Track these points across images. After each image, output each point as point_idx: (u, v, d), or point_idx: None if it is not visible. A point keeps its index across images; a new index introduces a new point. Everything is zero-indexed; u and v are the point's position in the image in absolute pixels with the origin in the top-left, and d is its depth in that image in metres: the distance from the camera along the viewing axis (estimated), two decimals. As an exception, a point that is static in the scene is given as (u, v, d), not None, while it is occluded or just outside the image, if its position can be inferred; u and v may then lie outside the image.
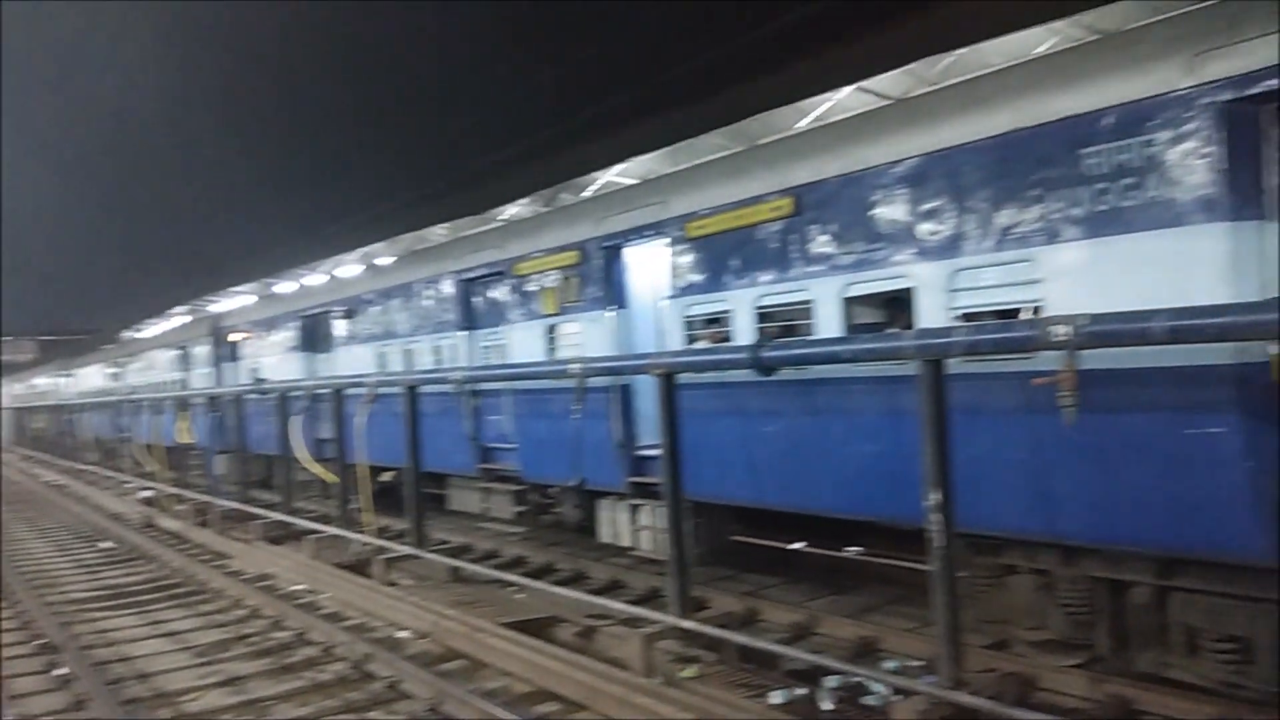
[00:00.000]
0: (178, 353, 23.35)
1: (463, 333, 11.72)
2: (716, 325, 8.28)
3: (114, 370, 30.94)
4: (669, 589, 7.21)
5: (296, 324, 16.55)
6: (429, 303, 12.48)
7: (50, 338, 36.75)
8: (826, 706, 6.18)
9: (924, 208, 6.47)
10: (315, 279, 29.18)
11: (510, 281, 10.83)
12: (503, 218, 22.27)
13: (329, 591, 10.05)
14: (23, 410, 44.81)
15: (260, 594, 10.16)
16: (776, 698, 6.28)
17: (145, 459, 20.25)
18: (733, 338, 7.96)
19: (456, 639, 7.81)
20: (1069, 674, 6.08)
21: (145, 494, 18.36)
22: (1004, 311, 6.05)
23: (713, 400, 7.83)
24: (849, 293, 7.05)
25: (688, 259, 8.43)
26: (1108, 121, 5.46)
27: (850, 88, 18.88)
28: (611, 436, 9.15)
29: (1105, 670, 5.95)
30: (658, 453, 7.37)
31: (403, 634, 8.32)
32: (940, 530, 5.28)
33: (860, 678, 6.12)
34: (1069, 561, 5.98)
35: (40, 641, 8.75)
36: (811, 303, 7.29)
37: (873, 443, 6.80)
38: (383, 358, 13.61)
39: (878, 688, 6.05)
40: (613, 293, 9.48)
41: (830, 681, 6.29)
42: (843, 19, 7.01)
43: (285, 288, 29.49)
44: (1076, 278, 5.59)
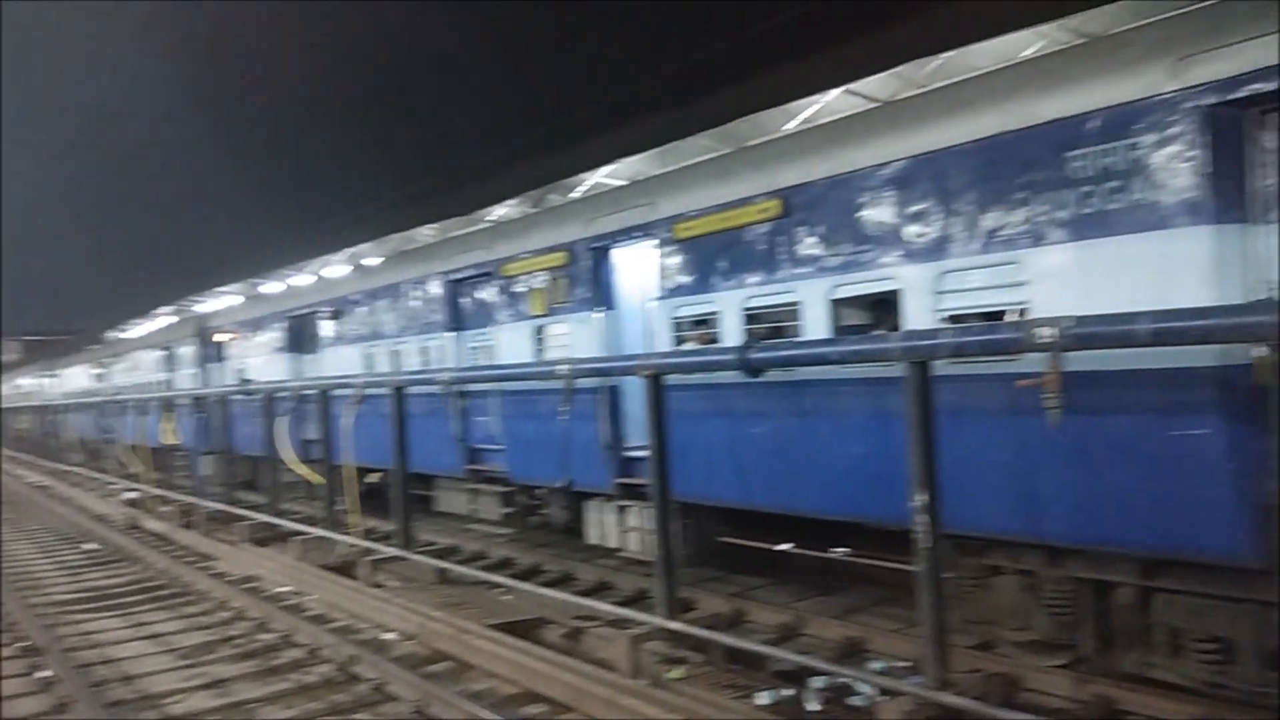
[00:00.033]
0: (163, 353, 23.23)
1: (450, 334, 11.70)
2: (704, 327, 8.29)
3: (99, 371, 30.77)
4: (656, 590, 7.22)
5: (283, 325, 16.49)
6: (416, 304, 12.45)
7: (35, 338, 36.49)
8: (813, 707, 6.20)
9: (911, 210, 6.51)
10: (302, 279, 29.05)
11: (498, 282, 10.82)
12: (491, 218, 22.21)
13: (315, 593, 10.01)
14: (6, 411, 44.48)
15: (245, 596, 10.11)
16: (763, 698, 6.30)
17: (130, 460, 20.12)
18: (720, 339, 7.97)
19: (443, 640, 7.80)
20: (1054, 674, 6.12)
21: (130, 495, 18.23)
22: (990, 314, 6.09)
23: (700, 402, 7.85)
24: (836, 294, 7.08)
25: (675, 260, 8.43)
26: (1093, 125, 5.50)
27: (838, 90, 18.91)
28: (599, 438, 9.15)
29: (1089, 670, 5.99)
30: (645, 454, 7.38)
31: (389, 636, 8.30)
32: (926, 531, 5.31)
33: (846, 678, 6.14)
34: (1053, 562, 6.02)
35: (23, 644, 8.68)
36: (799, 304, 7.31)
37: (859, 444, 6.83)
38: (370, 359, 13.57)
39: (864, 688, 6.08)
40: (601, 294, 9.49)
41: (817, 682, 6.31)
42: (831, 21, 7.01)
43: (271, 288, 29.35)
44: (1062, 280, 5.63)
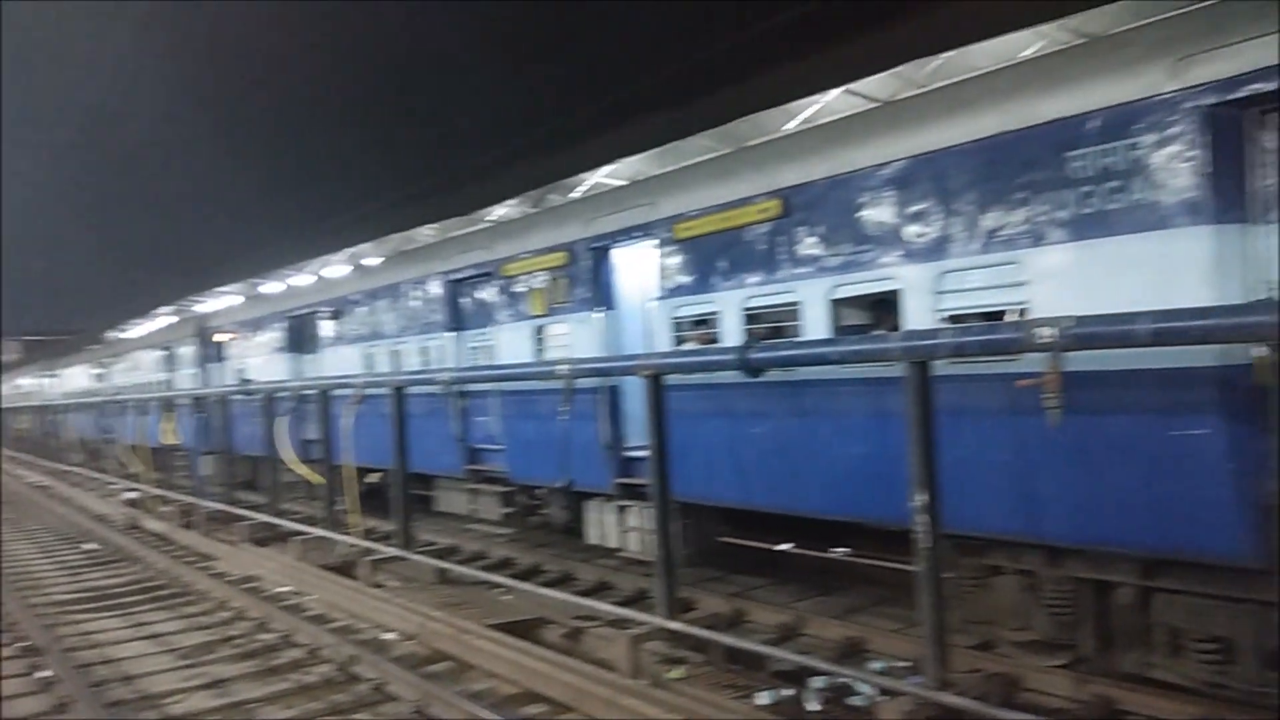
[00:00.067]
0: (163, 353, 23.22)
1: (450, 334, 11.70)
2: (704, 327, 8.29)
3: (99, 371, 30.77)
4: (656, 590, 7.22)
5: (283, 325, 16.48)
6: (416, 304, 12.45)
7: (35, 338, 36.50)
8: (813, 707, 6.20)
9: (911, 210, 6.50)
10: (302, 279, 29.05)
11: (498, 282, 10.81)
12: (491, 218, 22.21)
13: (315, 593, 10.01)
14: (6, 411, 44.48)
15: (245, 596, 10.11)
16: (763, 698, 6.30)
17: (130, 460, 20.12)
18: (720, 339, 7.97)
19: (443, 640, 7.80)
20: (1054, 674, 6.12)
21: (130, 495, 18.23)
22: (990, 314, 6.09)
23: (700, 401, 7.84)
24: (836, 294, 7.08)
25: (675, 260, 8.43)
26: (1093, 125, 5.50)
27: (838, 90, 18.91)
28: (599, 438, 9.14)
29: (1089, 670, 5.99)
30: (645, 454, 7.38)
31: (389, 636, 8.30)
32: (926, 531, 5.30)
33: (846, 678, 6.14)
34: (1053, 562, 6.02)
35: (23, 644, 8.68)
36: (799, 304, 7.31)
37: (859, 444, 6.83)
38: (370, 359, 13.57)
39: (864, 688, 6.07)
40: (600, 294, 9.48)
41: (817, 682, 6.31)
42: (831, 21, 7.02)
43: (272, 288, 29.35)
44: (1062, 280, 5.63)
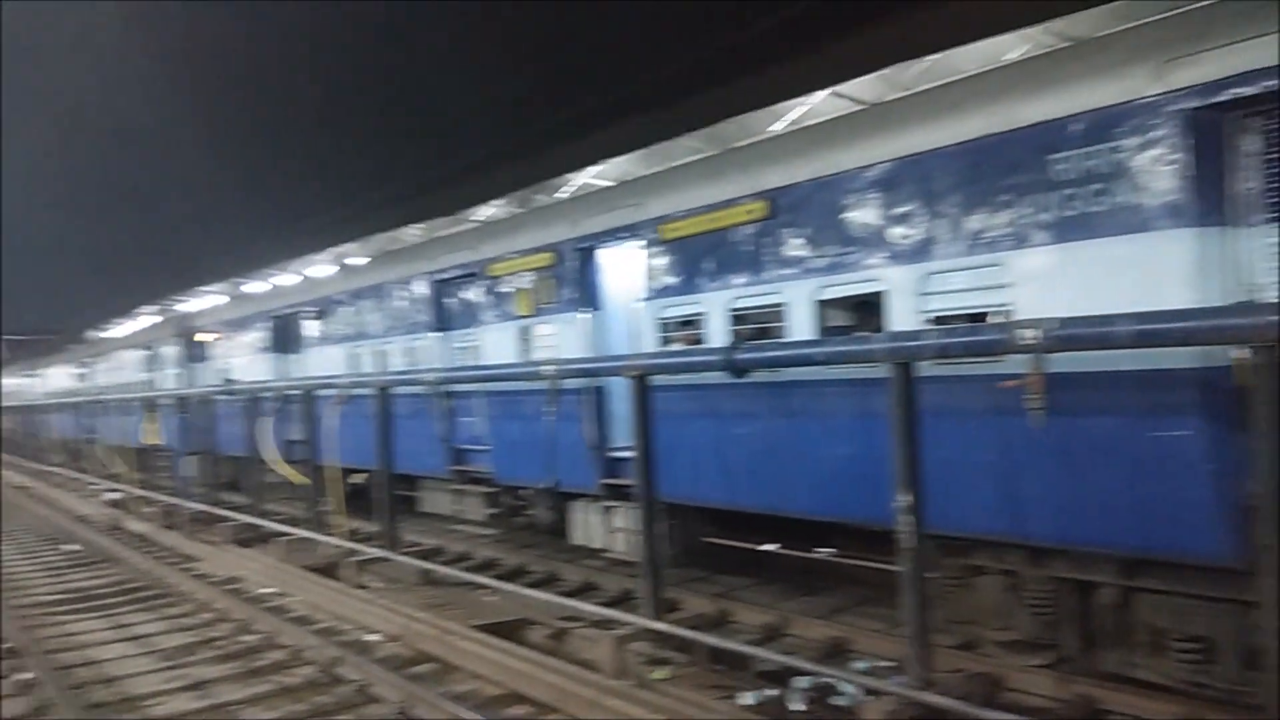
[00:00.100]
0: (146, 353, 23.07)
1: (436, 334, 11.67)
2: (690, 327, 8.29)
3: (81, 371, 30.54)
4: (641, 591, 7.21)
5: (267, 324, 16.41)
6: (401, 304, 12.41)
7: (17, 338, 36.20)
8: (797, 707, 6.21)
9: (896, 212, 6.53)
10: (286, 279, 28.89)
11: (484, 283, 10.79)
12: (477, 219, 22.16)
13: (298, 594, 9.95)
14: None
15: (228, 597, 10.04)
16: (747, 699, 6.30)
17: (112, 461, 19.97)
18: (706, 340, 7.98)
19: (427, 642, 7.77)
20: (1036, 674, 6.14)
21: (112, 496, 18.11)
22: (974, 315, 6.11)
23: (686, 402, 7.85)
24: (822, 296, 7.10)
25: (662, 261, 8.43)
26: (1076, 128, 5.53)
27: (825, 92, 18.95)
28: (585, 438, 9.14)
29: (1072, 670, 6.02)
30: (631, 455, 7.38)
31: (373, 637, 8.26)
32: (910, 531, 5.32)
33: (830, 678, 6.15)
34: (1036, 563, 6.05)
35: (3, 646, 8.60)
36: (785, 305, 7.33)
37: (844, 445, 6.85)
38: (355, 359, 13.52)
39: (848, 688, 6.08)
40: (587, 295, 9.48)
41: (801, 682, 6.32)
42: (818, 24, 7.05)
43: (256, 288, 29.19)
44: (1045, 282, 5.66)
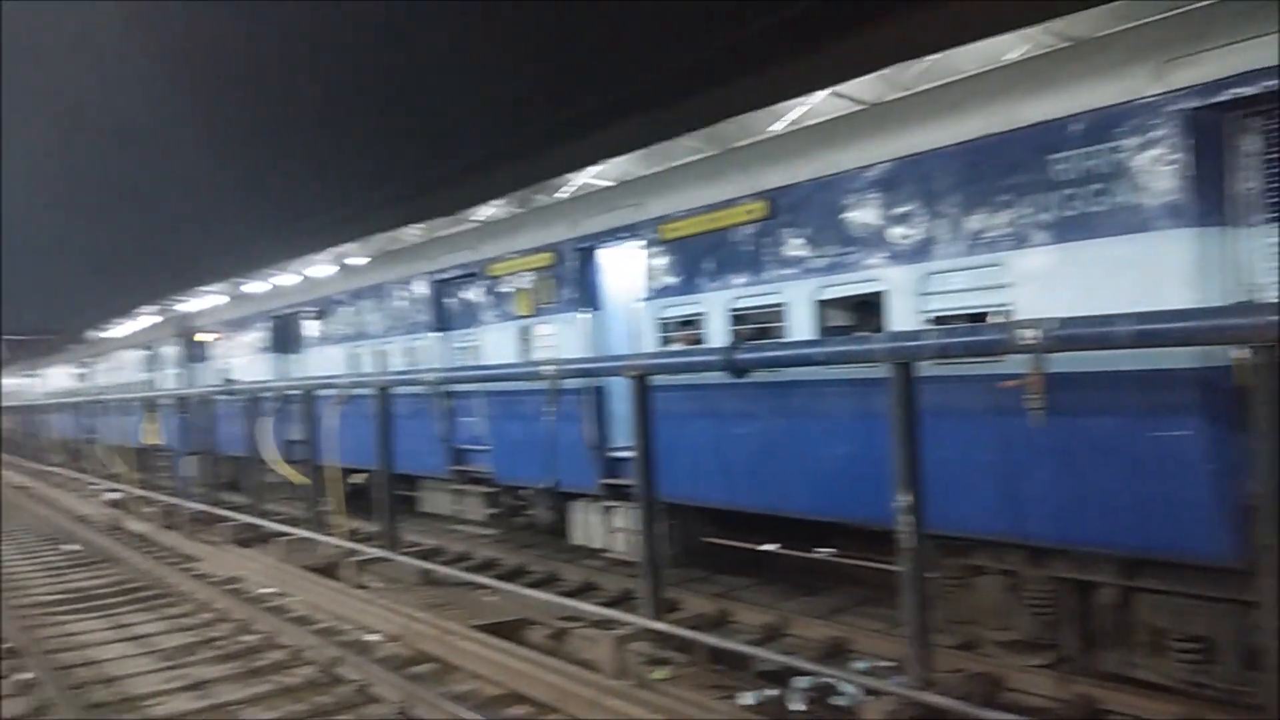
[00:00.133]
0: (146, 353, 23.07)
1: (436, 334, 11.67)
2: (690, 328, 8.29)
3: (81, 371, 30.54)
4: (641, 591, 7.21)
5: (267, 324, 16.40)
6: (401, 304, 12.41)
7: (17, 338, 36.21)
8: (797, 707, 6.20)
9: (896, 212, 6.53)
10: (286, 279, 28.89)
11: (484, 283, 10.79)
12: (477, 219, 22.16)
13: (298, 594, 9.95)
14: None
15: (228, 597, 10.04)
16: (747, 699, 6.29)
17: (112, 461, 19.97)
18: (706, 340, 7.98)
19: (427, 642, 7.77)
20: (1036, 674, 6.14)
21: (112, 496, 18.10)
22: (974, 315, 6.11)
23: (686, 402, 7.85)
24: (822, 296, 7.09)
25: (662, 261, 8.43)
26: (1076, 128, 5.53)
27: (825, 92, 18.95)
28: (585, 438, 9.13)
29: (1072, 670, 6.02)
30: (631, 454, 7.37)
31: (373, 637, 8.26)
32: (910, 531, 5.32)
33: (830, 678, 6.15)
34: (1036, 563, 6.05)
35: (3, 646, 8.60)
36: (785, 306, 7.32)
37: (844, 445, 6.84)
38: (355, 359, 13.52)
39: (848, 688, 6.08)
40: (587, 295, 9.48)
41: (801, 682, 6.32)
42: (818, 23, 7.05)
43: (256, 288, 29.19)
44: (1045, 282, 5.66)
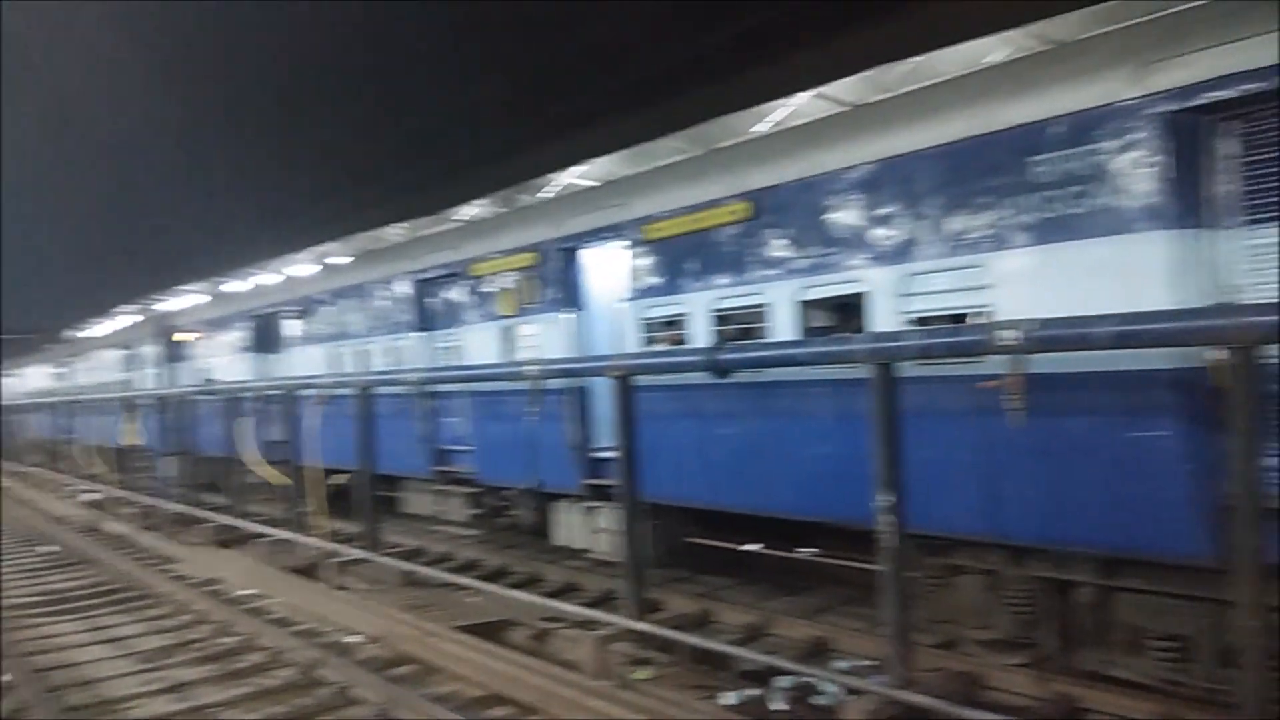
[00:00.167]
0: (125, 353, 22.88)
1: (418, 334, 11.63)
2: (674, 328, 8.30)
3: (60, 370, 30.27)
4: (624, 591, 7.21)
5: (248, 324, 16.31)
6: (384, 303, 12.36)
7: (-5, 337, 35.78)
8: (778, 707, 6.22)
9: (877, 213, 6.56)
10: (267, 278, 28.70)
11: (467, 283, 10.76)
12: (459, 218, 22.08)
13: (279, 596, 9.89)
14: None
15: (208, 599, 9.97)
16: (729, 698, 6.30)
17: (90, 461, 19.79)
18: (689, 340, 7.98)
19: (408, 643, 7.74)
20: (1015, 673, 6.18)
21: (90, 497, 17.94)
22: (955, 316, 6.15)
23: (669, 403, 7.85)
24: (804, 296, 7.12)
25: (645, 262, 8.44)
26: (1056, 130, 5.57)
27: (809, 93, 19.00)
28: (568, 439, 9.12)
29: (1051, 669, 6.06)
30: (614, 455, 7.37)
31: (354, 639, 8.22)
32: (891, 531, 5.34)
33: (811, 678, 6.17)
34: (1016, 562, 6.09)
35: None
36: (767, 306, 7.34)
37: (826, 445, 6.86)
38: (336, 359, 13.45)
39: (829, 687, 6.11)
40: (570, 295, 9.47)
41: (782, 682, 6.33)
42: (801, 25, 7.06)
43: (236, 287, 28.98)
44: (1025, 283, 5.69)
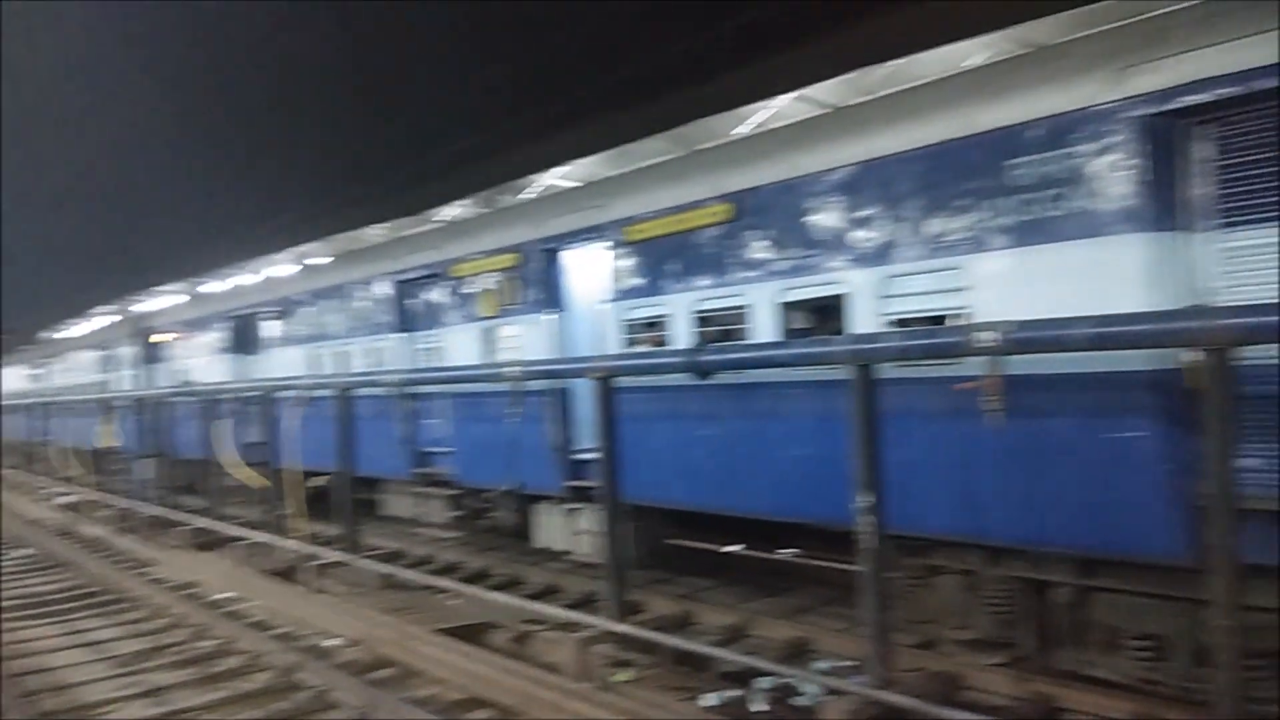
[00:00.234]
0: (101, 354, 22.67)
1: (399, 335, 11.58)
2: (655, 329, 8.30)
3: (35, 372, 29.97)
4: (605, 593, 7.20)
5: (226, 325, 16.19)
6: (364, 304, 12.30)
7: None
8: (759, 708, 6.23)
9: (857, 216, 6.58)
10: (246, 279, 28.50)
11: (448, 283, 10.73)
12: (440, 219, 22.00)
13: (257, 599, 9.82)
14: None
15: (185, 602, 9.89)
16: (710, 700, 6.30)
17: (66, 464, 19.59)
18: (671, 342, 7.99)
19: (388, 646, 7.70)
20: (994, 672, 6.22)
21: (66, 499, 17.76)
22: (934, 318, 6.18)
23: (651, 404, 7.85)
24: (785, 298, 7.13)
25: (627, 263, 8.44)
26: (1034, 133, 5.61)
27: (789, 96, 19.06)
28: (549, 440, 9.11)
29: (1029, 668, 6.10)
30: (595, 456, 7.36)
31: (333, 642, 8.17)
32: (871, 532, 5.36)
33: (792, 678, 6.18)
34: (994, 562, 6.12)
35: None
36: (748, 308, 7.36)
37: (807, 446, 6.88)
38: (316, 360, 13.37)
39: (809, 688, 6.12)
40: (552, 296, 9.45)
41: (763, 683, 6.34)
42: (783, 27, 7.07)
43: (214, 287, 28.77)
44: (1003, 286, 5.73)
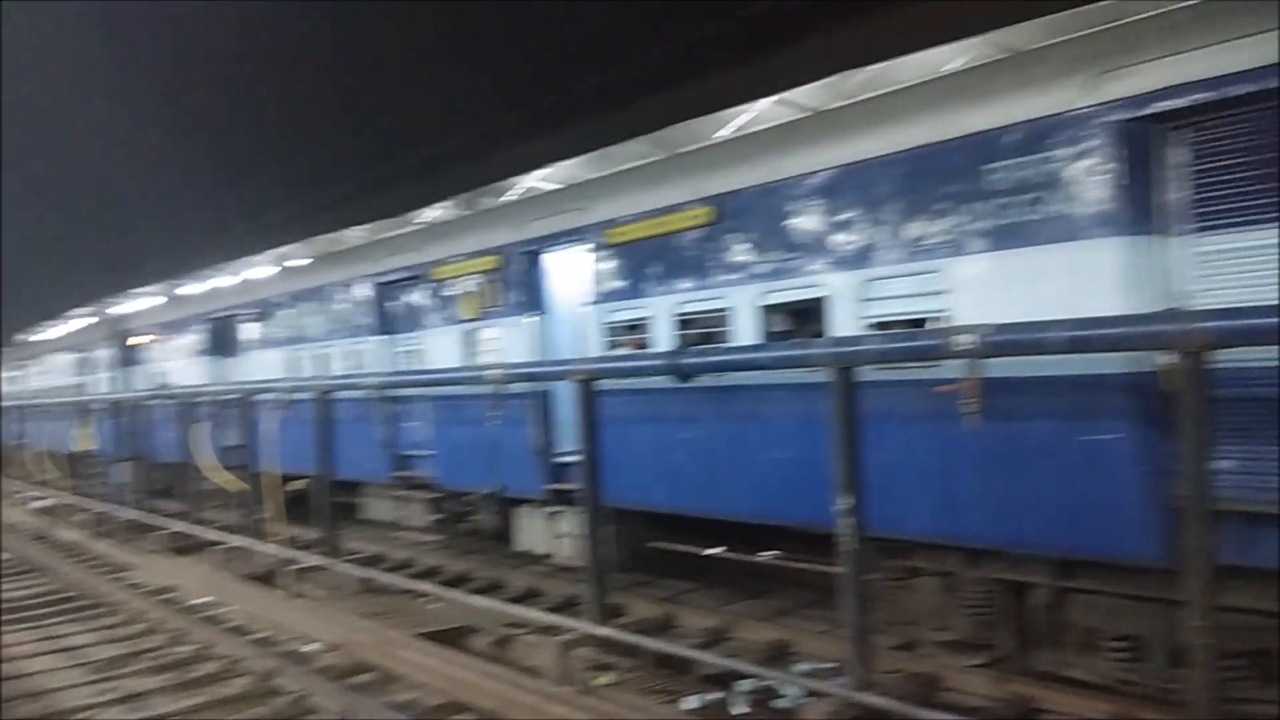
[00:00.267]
0: (78, 356, 22.44)
1: (379, 338, 11.52)
2: (637, 332, 8.30)
3: (10, 374, 29.63)
4: (586, 596, 7.19)
5: (204, 327, 16.07)
6: (344, 307, 12.24)
7: (-62, 340, 34.89)
8: (740, 710, 6.24)
9: (837, 219, 6.61)
10: (224, 281, 28.30)
11: (428, 286, 10.69)
12: (421, 221, 21.93)
13: (235, 604, 9.73)
14: None
15: (163, 607, 9.79)
16: (691, 702, 6.31)
17: (41, 467, 19.38)
18: (652, 344, 7.99)
19: (368, 651, 7.65)
20: (973, 674, 6.25)
21: (42, 503, 17.56)
22: (913, 321, 6.21)
23: (632, 407, 7.85)
24: (766, 301, 7.15)
25: (608, 266, 8.43)
26: (1012, 138, 5.65)
27: (770, 99, 19.12)
28: (530, 443, 9.09)
29: (1007, 669, 6.14)
30: (577, 459, 7.35)
31: (312, 647, 8.11)
32: (851, 534, 5.38)
33: (773, 681, 6.19)
34: (973, 564, 6.16)
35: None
36: (729, 311, 7.37)
37: (788, 449, 6.90)
38: (295, 363, 13.29)
39: (790, 690, 6.13)
40: (533, 298, 9.44)
41: (744, 685, 6.35)
42: (764, 31, 7.09)
43: (192, 289, 28.55)
44: (981, 289, 5.77)
